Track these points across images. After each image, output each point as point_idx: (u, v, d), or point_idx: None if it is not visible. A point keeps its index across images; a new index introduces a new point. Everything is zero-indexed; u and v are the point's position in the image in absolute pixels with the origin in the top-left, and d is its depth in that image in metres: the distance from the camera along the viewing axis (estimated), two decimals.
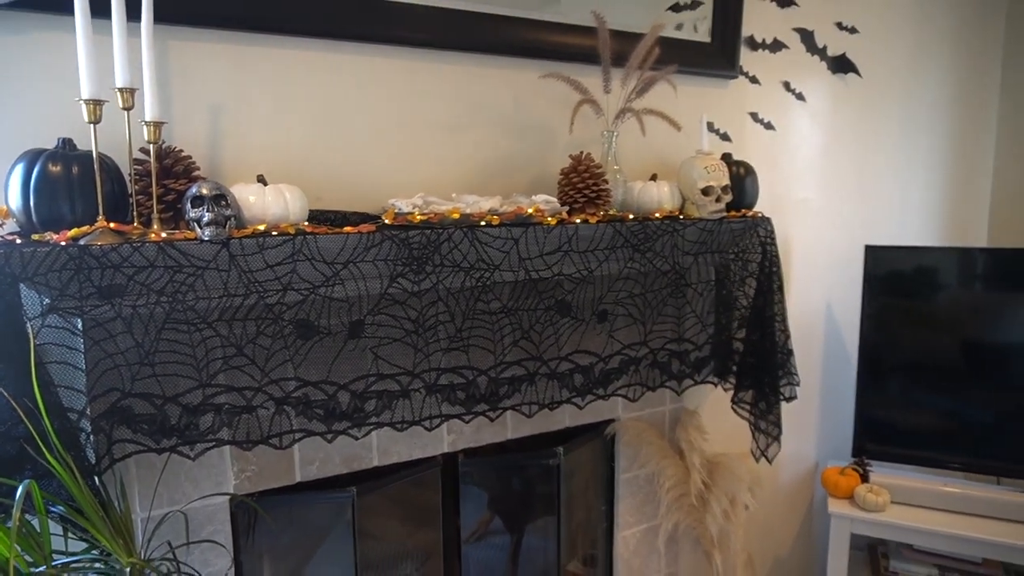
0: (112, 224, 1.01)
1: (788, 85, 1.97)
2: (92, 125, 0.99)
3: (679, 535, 1.92)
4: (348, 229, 1.16)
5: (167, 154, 1.12)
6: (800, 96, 2.00)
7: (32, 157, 0.99)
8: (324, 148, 1.35)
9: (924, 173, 2.34)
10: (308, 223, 1.18)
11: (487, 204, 1.33)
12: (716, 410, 1.96)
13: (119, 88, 1.03)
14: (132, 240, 1.02)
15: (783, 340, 1.68)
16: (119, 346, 1.06)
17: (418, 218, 1.24)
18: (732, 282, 1.70)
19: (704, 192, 1.55)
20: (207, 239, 1.04)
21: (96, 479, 1.04)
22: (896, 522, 1.89)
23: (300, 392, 1.20)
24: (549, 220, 1.36)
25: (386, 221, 1.22)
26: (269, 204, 1.13)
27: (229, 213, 1.06)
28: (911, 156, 2.29)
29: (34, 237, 0.99)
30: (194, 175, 1.15)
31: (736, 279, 1.69)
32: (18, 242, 0.97)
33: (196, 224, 1.05)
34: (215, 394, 1.13)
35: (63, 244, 0.96)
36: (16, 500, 0.79)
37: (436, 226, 1.25)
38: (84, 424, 1.01)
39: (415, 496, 1.55)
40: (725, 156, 1.67)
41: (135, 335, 1.06)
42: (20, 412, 0.91)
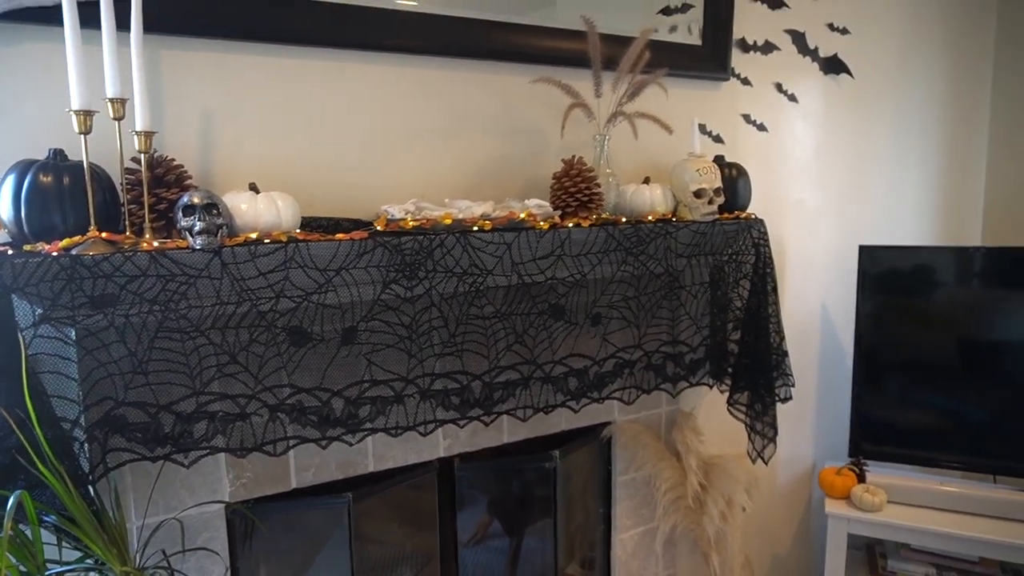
0: (104, 234, 1.02)
1: (780, 86, 1.98)
2: (82, 136, 1.00)
3: (677, 537, 1.92)
4: (340, 236, 1.17)
5: (159, 163, 1.13)
6: (792, 97, 2.01)
7: (23, 168, 1.00)
8: (316, 155, 1.36)
9: (917, 172, 2.35)
10: (300, 230, 1.18)
11: (479, 209, 1.33)
12: (712, 412, 1.96)
13: (109, 98, 1.04)
14: (124, 249, 1.02)
15: (778, 341, 1.69)
16: (112, 355, 1.06)
17: (410, 224, 1.25)
18: (726, 284, 1.70)
19: (696, 194, 1.56)
20: (199, 248, 1.05)
21: (91, 488, 1.04)
22: (893, 522, 1.89)
23: (294, 399, 1.20)
24: (541, 224, 1.36)
25: (378, 227, 1.22)
26: (261, 212, 1.13)
27: (221, 221, 1.06)
28: (904, 155, 2.30)
29: (26, 248, 0.99)
30: (186, 184, 1.15)
31: (730, 281, 1.70)
32: (10, 253, 0.97)
33: (188, 233, 1.05)
34: (209, 402, 1.13)
35: (55, 254, 0.96)
36: (7, 510, 0.79)
37: (428, 232, 1.25)
38: (78, 433, 1.01)
39: (412, 501, 1.56)
40: (718, 158, 1.68)
41: (128, 344, 1.07)
42: (12, 422, 0.91)
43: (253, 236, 1.11)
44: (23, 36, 1.09)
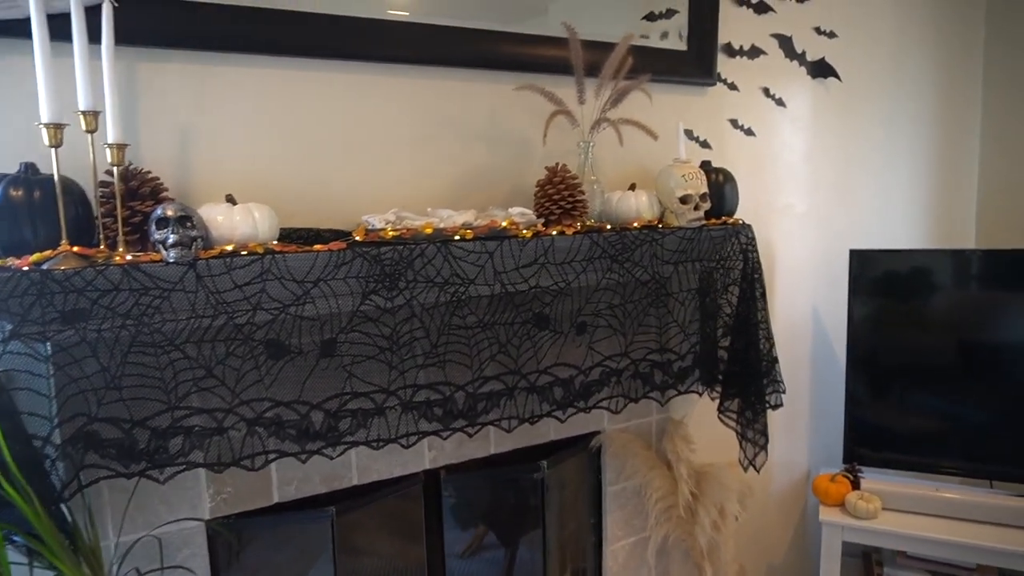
0: (76, 248, 1.01)
1: (768, 91, 1.97)
2: (53, 149, 0.99)
3: (669, 547, 1.90)
4: (318, 247, 1.16)
5: (133, 176, 1.11)
6: (780, 102, 2.00)
7: None
8: (296, 166, 1.34)
9: (908, 175, 2.33)
10: (280, 241, 1.17)
11: (461, 218, 1.32)
12: (704, 420, 1.95)
13: (82, 111, 1.03)
14: (96, 264, 1.01)
15: (767, 348, 1.67)
16: (84, 371, 1.04)
17: (390, 234, 1.23)
18: (714, 290, 1.69)
19: (682, 200, 1.55)
20: (172, 261, 1.03)
21: (63, 506, 1.03)
22: (888, 529, 1.87)
23: (272, 412, 1.19)
24: (524, 233, 1.35)
25: (357, 238, 1.21)
26: (237, 224, 1.12)
27: (195, 234, 1.05)
28: (894, 158, 2.29)
29: None
30: (162, 196, 1.14)
31: (718, 287, 1.68)
32: None
33: (161, 246, 1.04)
34: (184, 416, 1.12)
35: (25, 269, 0.95)
36: None
37: (409, 242, 1.24)
38: (49, 450, 1.00)
39: (398, 514, 1.54)
40: (704, 164, 1.67)
41: (101, 359, 1.05)
42: None
43: (229, 248, 1.10)
44: None
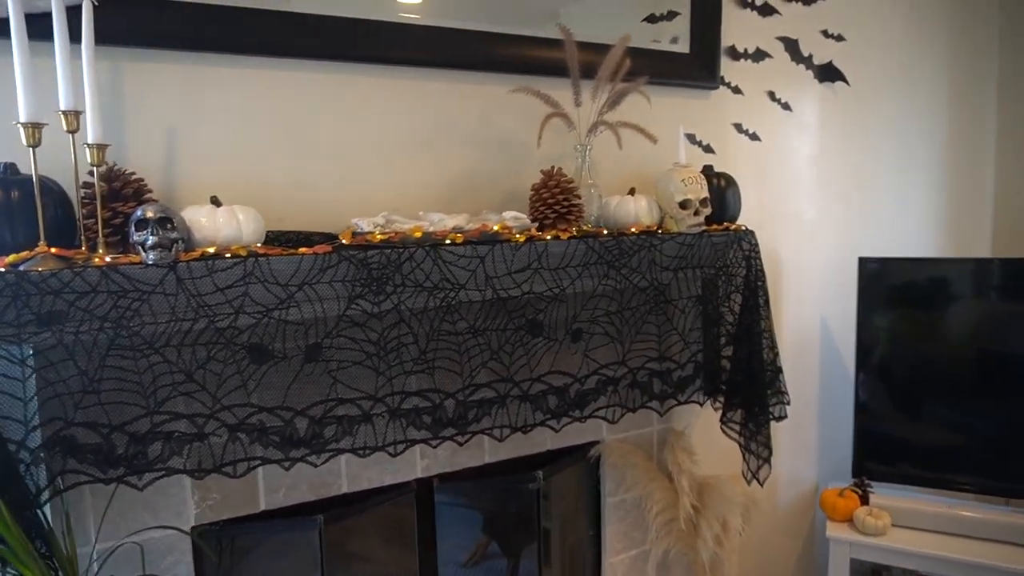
0: (54, 249, 0.99)
1: (773, 95, 1.93)
2: (31, 149, 0.97)
3: (671, 561, 1.85)
4: (303, 250, 1.13)
5: (116, 176, 1.10)
6: (786, 106, 1.95)
7: None
8: (286, 168, 1.33)
9: (920, 180, 2.27)
10: (267, 244, 1.15)
11: (452, 222, 1.29)
12: (708, 431, 1.89)
13: (63, 111, 1.01)
14: (75, 265, 0.99)
15: (771, 357, 1.62)
16: (61, 374, 1.03)
17: (378, 237, 1.21)
18: (717, 298, 1.64)
19: (682, 205, 1.51)
20: (151, 263, 1.02)
21: (40, 511, 1.01)
22: (897, 546, 1.80)
23: (255, 418, 1.16)
24: (517, 237, 1.32)
25: (343, 241, 1.19)
26: (220, 226, 1.10)
27: (175, 236, 1.03)
28: (906, 163, 2.23)
29: None
30: (145, 198, 1.13)
31: (721, 295, 1.64)
32: None
33: (140, 247, 1.02)
34: (164, 421, 1.09)
35: (0, 270, 0.94)
36: None
37: (397, 245, 1.21)
38: (24, 455, 0.98)
39: (389, 523, 1.51)
40: (706, 168, 1.63)
41: (78, 362, 1.04)
42: None
43: (211, 250, 1.08)
44: None
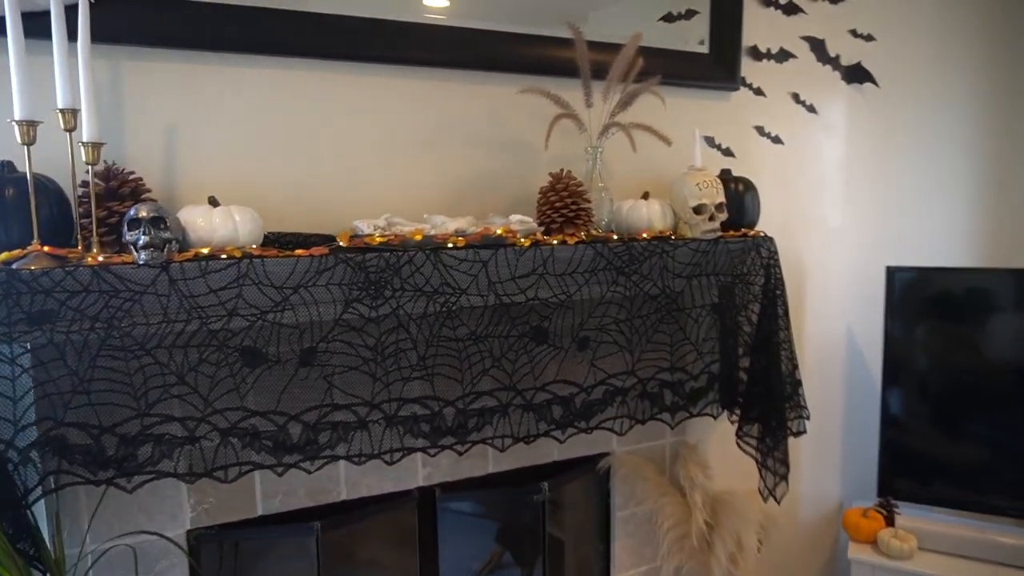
0: (47, 248, 0.98)
1: (797, 96, 1.85)
2: (26, 147, 0.97)
3: None
4: (299, 252, 1.11)
5: (113, 175, 1.09)
6: (811, 108, 1.88)
7: None
8: (286, 169, 1.31)
9: (952, 187, 2.17)
10: (266, 246, 1.13)
11: (454, 225, 1.26)
12: (723, 444, 1.83)
13: (60, 109, 1.01)
14: (67, 264, 0.98)
15: (790, 369, 1.56)
16: (51, 373, 1.02)
17: (377, 240, 1.18)
18: (734, 307, 1.58)
19: (696, 210, 1.45)
20: (143, 262, 1.00)
21: (29, 512, 1.00)
22: (924, 572, 1.71)
23: (247, 423, 1.14)
24: (522, 241, 1.28)
25: (341, 243, 1.16)
26: (216, 226, 1.09)
27: (168, 236, 1.02)
28: (936, 169, 2.13)
29: None
30: (144, 197, 1.12)
31: (738, 303, 1.58)
32: None
33: (133, 247, 1.01)
34: (154, 424, 1.08)
35: None
36: None
37: (396, 248, 1.18)
38: (12, 455, 0.97)
39: (389, 532, 1.47)
40: (724, 172, 1.57)
41: (69, 362, 1.03)
42: None
43: (205, 251, 1.06)
44: None
